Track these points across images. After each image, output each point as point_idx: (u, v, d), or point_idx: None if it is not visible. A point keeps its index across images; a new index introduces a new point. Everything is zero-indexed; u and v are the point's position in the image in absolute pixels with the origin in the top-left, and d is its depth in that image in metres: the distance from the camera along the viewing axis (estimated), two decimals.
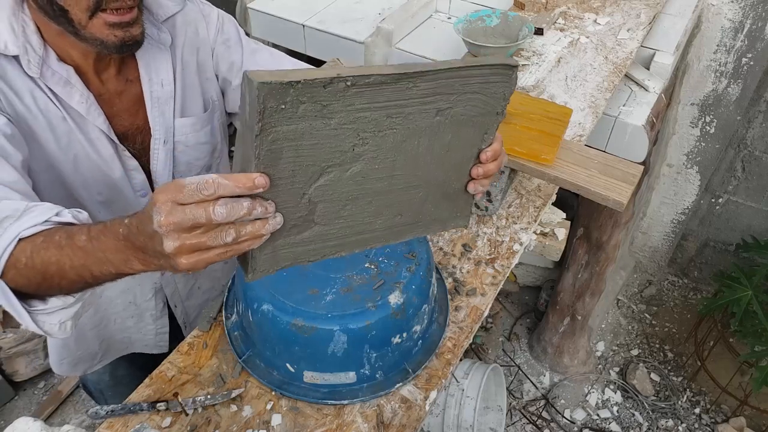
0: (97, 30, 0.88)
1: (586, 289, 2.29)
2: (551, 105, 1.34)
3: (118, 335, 1.32)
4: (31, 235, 0.73)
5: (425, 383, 1.01)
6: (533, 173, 1.24)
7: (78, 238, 0.71)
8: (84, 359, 1.32)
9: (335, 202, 0.73)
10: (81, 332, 1.27)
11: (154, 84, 1.04)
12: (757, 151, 2.38)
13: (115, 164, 1.05)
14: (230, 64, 1.13)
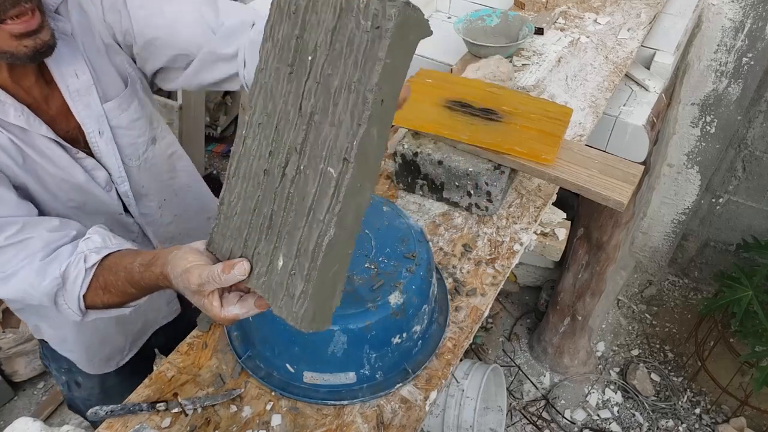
0: (4, 43, 0.84)
1: (586, 290, 2.28)
2: (551, 105, 1.34)
3: (138, 322, 1.34)
4: (88, 288, 0.91)
5: (425, 383, 1.01)
6: (533, 173, 1.24)
7: (133, 273, 0.87)
8: (113, 355, 1.35)
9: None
10: (105, 333, 1.29)
11: (68, 78, 0.99)
12: (758, 151, 2.37)
13: (75, 169, 1.03)
14: (123, 24, 1.05)
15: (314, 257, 0.68)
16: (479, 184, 1.24)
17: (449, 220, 1.29)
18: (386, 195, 1.33)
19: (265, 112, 0.75)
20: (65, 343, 1.29)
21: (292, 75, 0.71)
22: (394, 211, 1.08)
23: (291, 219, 0.71)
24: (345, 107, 0.65)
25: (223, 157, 3.35)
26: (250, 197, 0.75)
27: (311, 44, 0.69)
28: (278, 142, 0.73)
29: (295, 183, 0.71)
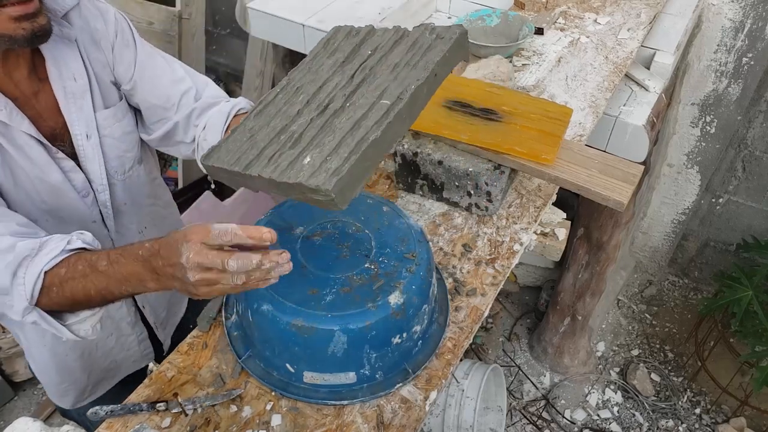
0: (3, 26, 0.86)
1: (586, 290, 2.28)
2: (551, 105, 1.34)
3: (104, 363, 1.29)
4: (52, 267, 0.86)
5: (425, 383, 1.01)
6: (533, 173, 1.24)
7: (99, 263, 0.84)
8: (70, 391, 1.29)
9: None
10: (63, 362, 1.23)
11: (66, 80, 1.01)
12: (758, 151, 2.37)
13: (51, 168, 1.02)
14: (127, 65, 1.09)
15: (357, 148, 0.78)
16: (479, 184, 1.24)
17: (449, 220, 1.29)
18: (386, 195, 1.33)
19: (305, 80, 0.92)
20: (32, 361, 1.26)
21: (345, 63, 0.91)
22: (394, 211, 1.08)
23: (330, 134, 0.82)
24: (405, 73, 0.85)
25: None
26: (276, 126, 0.87)
27: (370, 48, 0.92)
28: (320, 95, 0.88)
29: (340, 113, 0.84)
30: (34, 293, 0.85)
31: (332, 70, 0.91)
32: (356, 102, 0.85)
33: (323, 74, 0.92)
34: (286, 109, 0.90)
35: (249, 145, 0.87)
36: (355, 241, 1.01)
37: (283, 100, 0.92)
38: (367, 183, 1.36)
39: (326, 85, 0.90)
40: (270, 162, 0.82)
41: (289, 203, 1.09)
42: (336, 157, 0.78)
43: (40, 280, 0.85)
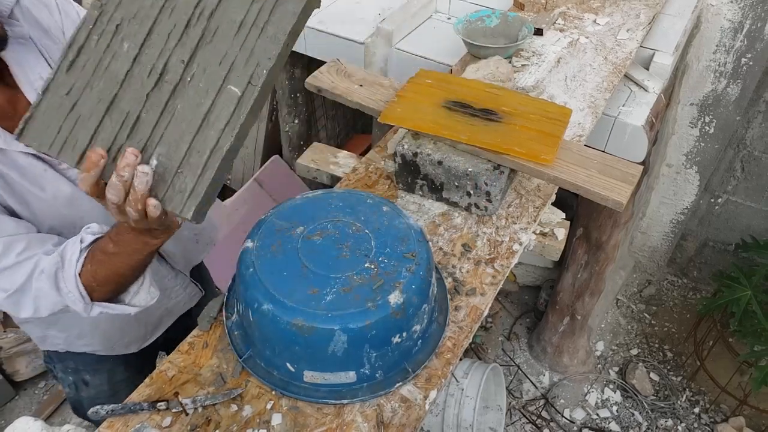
0: None
1: (585, 289, 2.29)
2: (551, 105, 1.35)
3: (157, 312, 1.36)
4: (81, 269, 0.92)
5: (425, 383, 1.01)
6: (533, 173, 1.24)
7: (108, 248, 0.90)
8: (135, 341, 1.37)
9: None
10: (124, 323, 1.30)
11: (34, 82, 0.98)
12: (757, 151, 2.38)
13: (60, 182, 1.02)
14: None
15: (212, 161, 0.73)
16: (479, 184, 1.24)
17: (449, 220, 1.29)
18: (386, 195, 1.34)
19: (127, 17, 0.76)
20: (82, 338, 1.30)
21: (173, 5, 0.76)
22: (394, 211, 1.08)
23: (172, 125, 0.74)
24: (253, 40, 0.74)
25: None
26: (101, 93, 0.76)
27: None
28: (149, 50, 0.75)
29: (180, 92, 0.75)
30: (82, 294, 0.94)
31: (158, 4, 0.76)
32: (198, 77, 0.74)
33: (146, 8, 0.76)
34: (109, 64, 0.75)
35: (73, 119, 0.75)
36: (355, 241, 1.02)
37: (103, 45, 0.76)
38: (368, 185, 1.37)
39: (155, 33, 0.76)
40: (116, 152, 0.74)
41: (289, 203, 1.10)
42: (188, 170, 0.72)
43: (80, 282, 0.93)
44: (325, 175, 1.45)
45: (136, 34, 0.75)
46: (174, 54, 0.75)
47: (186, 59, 0.74)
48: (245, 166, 2.84)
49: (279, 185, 2.56)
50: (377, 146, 1.48)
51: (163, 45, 0.75)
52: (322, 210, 1.07)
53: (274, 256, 0.99)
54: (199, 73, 0.74)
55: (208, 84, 0.74)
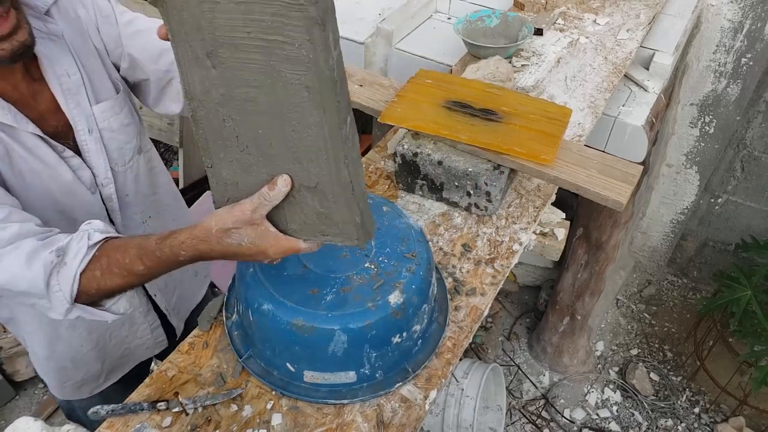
0: None
1: (585, 289, 2.29)
2: (551, 105, 1.35)
3: (118, 351, 1.30)
4: (85, 270, 0.88)
5: (425, 383, 1.01)
6: (533, 173, 1.24)
7: (135, 268, 0.88)
8: (87, 381, 1.30)
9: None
10: (79, 354, 1.25)
11: (61, 77, 1.01)
12: (757, 151, 2.38)
13: (62, 168, 1.03)
14: (115, 43, 1.10)
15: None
16: (479, 184, 1.24)
17: (449, 220, 1.29)
18: (386, 195, 1.34)
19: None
20: (37, 361, 1.26)
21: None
22: (394, 211, 1.08)
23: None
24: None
25: None
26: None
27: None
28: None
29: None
30: (72, 295, 0.89)
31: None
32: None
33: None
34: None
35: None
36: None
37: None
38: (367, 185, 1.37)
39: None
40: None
41: None
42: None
43: (77, 283, 0.88)
44: None
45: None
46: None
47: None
48: None
49: None
50: (377, 146, 1.48)
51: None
52: None
53: None
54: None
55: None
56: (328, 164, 0.78)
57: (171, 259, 0.86)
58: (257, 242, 0.82)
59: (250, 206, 0.80)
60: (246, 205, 0.80)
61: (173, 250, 0.85)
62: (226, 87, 0.76)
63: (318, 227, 0.85)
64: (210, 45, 0.73)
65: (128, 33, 1.10)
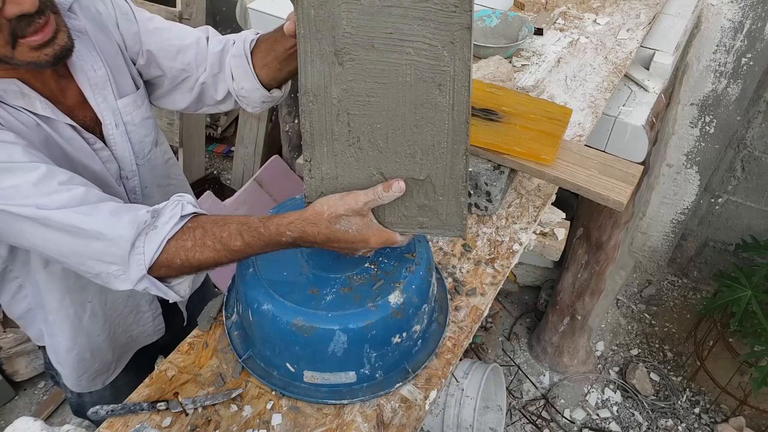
0: (26, 56, 0.87)
1: (585, 289, 2.29)
2: (551, 105, 1.35)
3: (124, 337, 1.32)
4: (174, 237, 0.89)
5: (425, 383, 1.01)
6: (533, 173, 1.24)
7: (233, 244, 0.88)
8: (101, 371, 1.32)
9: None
10: (96, 345, 1.26)
11: (88, 72, 1.03)
12: (757, 151, 2.38)
13: (94, 159, 1.05)
14: (133, 39, 1.12)
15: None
16: (479, 184, 1.24)
17: None
18: None
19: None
20: (57, 353, 1.26)
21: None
22: None
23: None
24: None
25: (223, 157, 3.35)
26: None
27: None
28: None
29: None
30: (152, 261, 0.89)
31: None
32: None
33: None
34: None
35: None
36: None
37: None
38: None
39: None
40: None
41: (289, 203, 1.09)
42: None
43: (160, 250, 0.88)
44: None
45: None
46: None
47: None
48: (245, 166, 2.84)
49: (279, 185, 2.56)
50: None
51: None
52: None
53: (274, 256, 0.99)
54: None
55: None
56: (443, 158, 0.84)
57: (273, 238, 0.87)
58: (363, 231, 0.86)
59: (364, 198, 0.84)
60: (360, 197, 0.84)
61: (279, 229, 0.87)
62: (350, 84, 0.81)
63: (417, 219, 0.89)
64: (341, 43, 0.78)
65: (148, 29, 1.13)
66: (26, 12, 0.83)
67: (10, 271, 1.12)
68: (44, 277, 1.11)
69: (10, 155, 0.86)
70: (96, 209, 0.89)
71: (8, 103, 0.92)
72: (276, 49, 1.11)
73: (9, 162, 0.86)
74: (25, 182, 0.85)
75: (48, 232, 0.88)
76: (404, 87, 0.80)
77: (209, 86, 1.19)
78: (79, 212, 0.87)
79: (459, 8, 0.74)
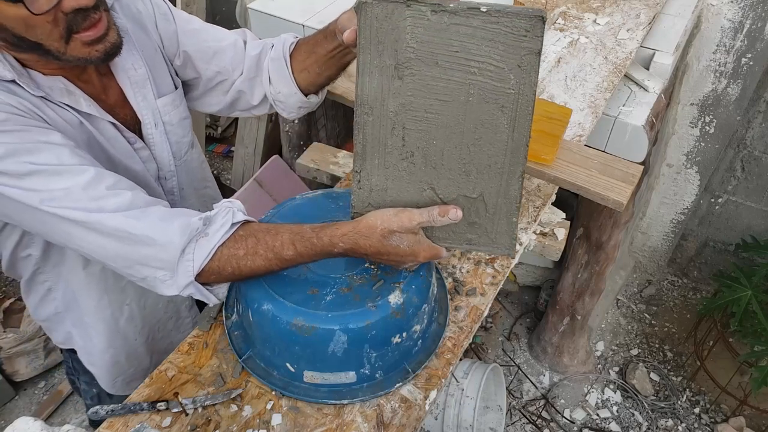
0: (78, 51, 0.87)
1: (585, 289, 2.29)
2: (551, 105, 1.35)
3: (164, 343, 1.32)
4: (224, 244, 0.89)
5: (425, 383, 1.01)
6: (533, 173, 1.24)
7: (285, 253, 0.89)
8: (137, 376, 1.31)
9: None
10: (133, 349, 1.26)
11: (128, 70, 1.03)
12: (757, 151, 2.38)
13: (134, 158, 1.05)
14: (171, 39, 1.12)
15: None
16: None
17: None
18: None
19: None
20: (91, 355, 1.25)
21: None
22: None
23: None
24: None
25: (223, 157, 3.35)
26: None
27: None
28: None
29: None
30: (200, 269, 0.89)
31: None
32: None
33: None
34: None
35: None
36: None
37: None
38: None
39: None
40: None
41: (289, 203, 1.10)
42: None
43: (210, 257, 0.89)
44: (325, 175, 1.45)
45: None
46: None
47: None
48: (245, 166, 2.84)
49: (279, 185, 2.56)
50: None
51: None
52: (322, 210, 1.07)
53: None
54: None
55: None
56: (499, 178, 0.84)
57: (325, 248, 0.88)
58: (413, 247, 0.88)
59: (419, 219, 0.85)
60: (415, 216, 0.85)
61: (332, 240, 0.87)
62: (409, 98, 0.80)
63: (466, 236, 0.90)
64: (403, 57, 0.77)
65: (186, 30, 1.13)
66: (83, 6, 0.83)
67: (40, 273, 1.12)
68: (83, 277, 1.11)
69: (59, 157, 0.86)
70: (145, 213, 0.88)
71: (54, 101, 0.92)
72: (317, 52, 1.11)
73: (59, 165, 0.86)
74: (74, 185, 0.85)
75: (97, 237, 0.88)
76: (465, 106, 0.79)
77: (245, 91, 1.18)
78: (129, 216, 0.87)
79: (530, 33, 0.73)
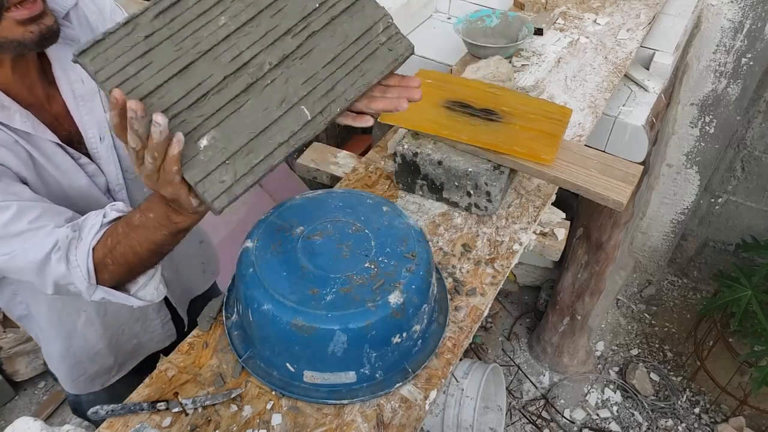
0: (10, 31, 0.85)
1: (585, 289, 2.29)
2: (551, 105, 1.35)
3: (129, 345, 1.32)
4: (99, 241, 0.89)
5: (425, 383, 1.01)
6: (533, 173, 1.24)
7: (134, 219, 0.87)
8: (100, 374, 1.32)
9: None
10: (93, 349, 1.26)
11: (74, 83, 1.01)
12: (757, 151, 2.38)
13: (78, 174, 1.03)
14: None
15: (258, 167, 0.75)
16: (479, 184, 1.24)
17: (449, 220, 1.29)
18: (386, 195, 1.34)
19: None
20: (51, 358, 1.26)
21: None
22: (394, 211, 1.08)
23: (235, 117, 0.75)
24: (340, 74, 0.78)
25: None
26: (181, 55, 0.73)
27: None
28: (244, 36, 0.76)
29: (255, 91, 0.76)
30: (89, 271, 0.90)
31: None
32: (278, 85, 0.76)
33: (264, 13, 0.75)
34: (199, 29, 0.74)
35: (141, 64, 0.71)
36: (355, 241, 1.02)
37: (199, 9, 0.74)
38: (368, 185, 1.36)
39: (255, 23, 0.76)
40: (179, 123, 0.72)
41: (289, 203, 1.10)
42: (234, 166, 0.73)
43: (91, 258, 0.89)
44: (325, 175, 1.45)
45: (238, 15, 0.75)
46: (264, 52, 0.76)
47: (274, 63, 0.76)
48: None
49: (279, 185, 2.56)
50: (377, 146, 1.48)
51: (258, 39, 0.76)
52: (322, 210, 1.07)
53: (274, 256, 0.99)
54: (280, 81, 0.76)
55: (285, 95, 0.76)
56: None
57: (156, 225, 0.86)
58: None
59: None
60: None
61: (156, 218, 0.85)
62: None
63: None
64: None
65: None
66: None
67: (4, 277, 1.12)
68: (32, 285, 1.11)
69: None
70: (24, 247, 0.89)
71: None
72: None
73: None
74: None
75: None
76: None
77: None
78: (9, 255, 0.90)
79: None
